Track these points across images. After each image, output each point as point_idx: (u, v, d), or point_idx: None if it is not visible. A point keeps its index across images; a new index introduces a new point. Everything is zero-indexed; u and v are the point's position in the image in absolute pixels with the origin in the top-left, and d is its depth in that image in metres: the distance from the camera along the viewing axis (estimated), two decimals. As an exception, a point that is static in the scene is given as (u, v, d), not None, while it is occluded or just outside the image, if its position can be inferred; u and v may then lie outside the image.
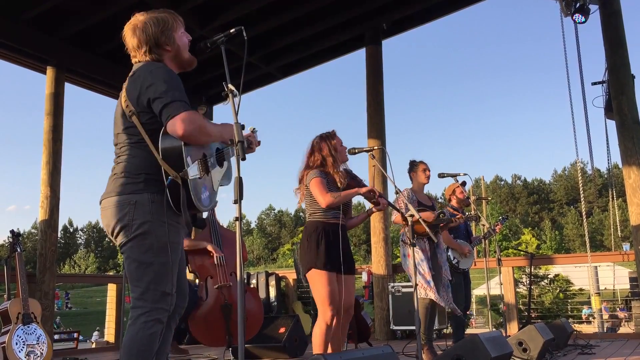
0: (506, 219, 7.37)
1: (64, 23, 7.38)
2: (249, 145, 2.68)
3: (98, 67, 8.19)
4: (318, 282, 3.77)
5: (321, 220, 3.94)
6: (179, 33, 2.63)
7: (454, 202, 6.31)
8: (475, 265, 6.64)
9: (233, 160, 2.48)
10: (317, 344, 3.78)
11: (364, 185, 4.05)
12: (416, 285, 4.27)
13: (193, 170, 2.35)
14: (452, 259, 6.01)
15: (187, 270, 5.88)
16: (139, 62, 2.60)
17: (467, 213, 6.12)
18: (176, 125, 2.30)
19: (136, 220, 2.38)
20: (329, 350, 3.83)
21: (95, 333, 22.15)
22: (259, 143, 2.85)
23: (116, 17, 7.28)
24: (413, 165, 5.47)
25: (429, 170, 5.43)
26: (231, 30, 2.60)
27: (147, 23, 2.58)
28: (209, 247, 5.50)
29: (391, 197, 9.24)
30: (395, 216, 4.99)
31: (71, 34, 7.58)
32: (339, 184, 3.95)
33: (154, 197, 2.41)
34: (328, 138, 4.04)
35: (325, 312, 3.75)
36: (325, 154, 3.99)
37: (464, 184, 6.31)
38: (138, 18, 2.62)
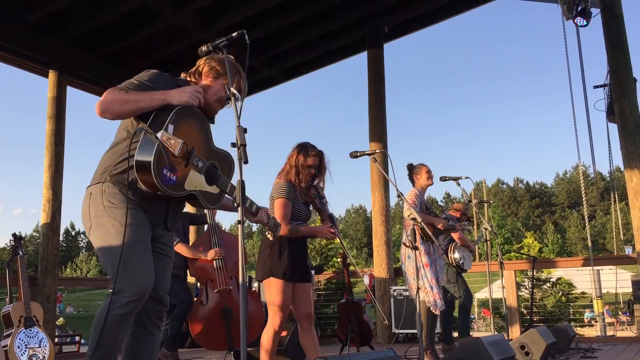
0: (479, 240, 7.82)
1: (66, 26, 7.40)
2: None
3: (100, 71, 8.21)
4: (275, 289, 3.81)
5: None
6: (223, 82, 2.68)
7: (450, 212, 6.87)
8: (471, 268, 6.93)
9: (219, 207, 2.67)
10: (265, 348, 3.84)
11: (325, 207, 4.01)
12: (418, 288, 4.28)
13: (168, 139, 2.38)
14: (458, 259, 6.27)
15: (189, 274, 5.89)
16: None
17: (464, 223, 6.56)
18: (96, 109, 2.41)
19: (92, 209, 2.50)
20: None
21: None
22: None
23: (118, 21, 7.32)
24: (414, 169, 5.46)
25: (432, 174, 5.44)
26: (233, 34, 2.60)
27: (219, 58, 2.71)
28: (209, 256, 5.50)
29: (393, 200, 9.27)
30: (409, 212, 4.96)
31: (73, 37, 7.60)
32: (300, 199, 3.94)
33: (106, 186, 2.51)
34: (302, 151, 3.92)
35: (275, 319, 3.82)
36: (291, 164, 3.92)
37: (464, 213, 6.89)
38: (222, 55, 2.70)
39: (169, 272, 2.74)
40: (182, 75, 2.79)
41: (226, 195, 2.71)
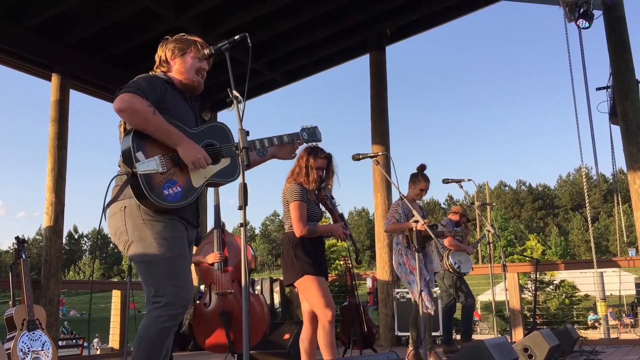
0: (479, 242, 7.89)
1: (69, 30, 7.41)
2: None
3: (103, 74, 8.22)
4: (314, 286, 3.83)
5: None
6: (190, 55, 2.73)
7: (452, 217, 6.98)
8: (473, 270, 6.96)
9: (234, 160, 2.57)
10: (327, 344, 3.81)
11: (336, 208, 4.10)
12: (421, 291, 4.28)
13: (146, 166, 2.38)
14: (453, 264, 6.46)
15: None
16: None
17: (456, 228, 6.57)
18: (116, 101, 2.44)
19: (129, 223, 2.47)
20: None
21: (95, 340, 22.17)
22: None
23: (121, 24, 7.33)
24: (416, 177, 5.45)
25: (426, 192, 5.46)
26: (235, 37, 2.61)
27: (168, 41, 2.78)
28: (209, 260, 5.48)
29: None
30: (390, 226, 5.15)
31: (76, 41, 7.61)
32: (312, 200, 4.01)
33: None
34: (312, 153, 4.01)
35: (326, 314, 3.80)
36: (301, 165, 4.00)
37: (464, 214, 7.03)
38: (170, 38, 2.81)
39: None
40: (151, 72, 2.76)
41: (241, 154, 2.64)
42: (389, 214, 5.35)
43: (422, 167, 5.45)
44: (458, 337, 7.20)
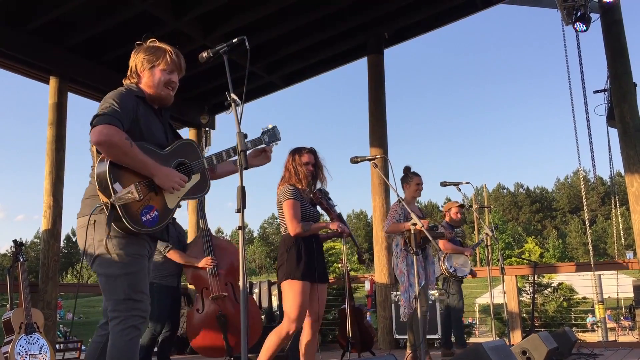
0: (478, 244, 7.78)
1: (67, 33, 7.42)
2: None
3: (101, 77, 8.21)
4: (293, 291, 3.82)
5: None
6: (159, 69, 2.70)
7: (447, 219, 6.74)
8: (471, 275, 6.83)
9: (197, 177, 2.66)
10: (270, 348, 3.85)
11: (333, 208, 4.11)
12: (417, 294, 4.28)
13: (124, 196, 2.43)
14: (449, 268, 6.40)
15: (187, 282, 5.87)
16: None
17: (455, 229, 6.44)
18: (93, 133, 2.44)
19: (96, 237, 2.54)
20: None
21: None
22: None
23: (119, 27, 7.33)
24: (407, 176, 5.47)
25: (422, 185, 5.46)
26: (234, 40, 2.62)
27: (140, 49, 2.74)
28: (201, 264, 5.46)
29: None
30: (390, 227, 5.12)
31: (74, 44, 7.62)
32: (306, 199, 4.02)
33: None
34: (295, 152, 4.07)
35: (290, 326, 3.81)
36: (288, 168, 4.04)
37: (462, 206, 6.72)
38: (143, 44, 2.77)
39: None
40: (124, 82, 2.77)
41: (210, 166, 2.75)
42: (389, 215, 5.36)
43: (408, 168, 5.52)
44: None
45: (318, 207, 4.17)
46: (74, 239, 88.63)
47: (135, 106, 2.60)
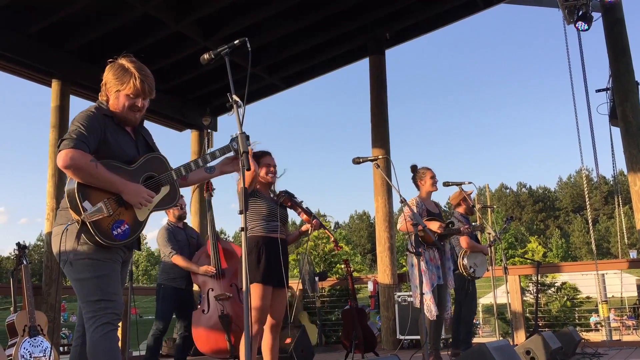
0: (511, 219, 7.47)
1: (69, 36, 7.43)
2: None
3: (103, 80, 8.23)
4: (254, 297, 3.82)
5: (261, 235, 3.94)
6: (123, 93, 2.72)
7: (461, 210, 6.32)
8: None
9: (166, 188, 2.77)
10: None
11: (301, 206, 4.09)
12: (422, 295, 4.27)
13: (94, 212, 2.51)
14: (469, 268, 6.00)
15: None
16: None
17: (472, 223, 6.15)
18: (58, 157, 2.52)
19: (68, 245, 2.63)
20: None
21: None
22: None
23: (121, 30, 7.35)
24: (418, 172, 5.45)
25: (437, 177, 5.43)
26: (235, 42, 2.62)
27: (111, 68, 2.77)
28: (200, 271, 5.49)
29: (396, 206, 9.27)
30: (401, 224, 4.97)
31: (76, 47, 7.64)
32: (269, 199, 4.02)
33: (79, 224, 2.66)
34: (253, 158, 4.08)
35: (253, 325, 3.81)
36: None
37: (469, 194, 6.38)
38: (117, 61, 2.80)
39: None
40: (99, 97, 2.82)
41: (177, 176, 2.81)
42: (404, 212, 5.07)
43: (415, 166, 5.48)
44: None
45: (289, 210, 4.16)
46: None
47: (104, 125, 2.67)
